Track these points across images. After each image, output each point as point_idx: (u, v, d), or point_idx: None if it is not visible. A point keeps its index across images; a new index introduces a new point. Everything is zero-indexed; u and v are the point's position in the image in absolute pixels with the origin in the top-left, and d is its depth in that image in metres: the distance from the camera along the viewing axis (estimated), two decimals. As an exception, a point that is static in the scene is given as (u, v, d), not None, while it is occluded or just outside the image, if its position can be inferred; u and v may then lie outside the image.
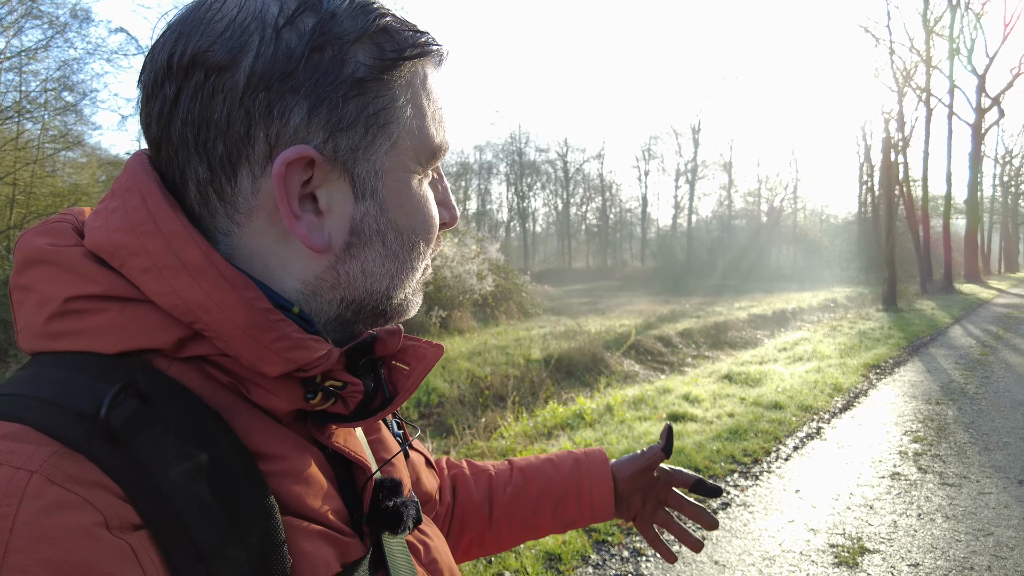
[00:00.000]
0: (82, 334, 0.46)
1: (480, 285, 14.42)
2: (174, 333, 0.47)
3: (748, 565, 3.42)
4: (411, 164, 0.54)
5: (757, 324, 14.48)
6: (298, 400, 0.52)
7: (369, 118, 0.50)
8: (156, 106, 0.49)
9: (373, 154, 0.51)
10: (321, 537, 0.50)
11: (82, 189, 13.71)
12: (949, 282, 26.44)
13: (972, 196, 33.51)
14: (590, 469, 0.93)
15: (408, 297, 0.58)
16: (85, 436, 0.41)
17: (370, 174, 0.51)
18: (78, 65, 14.40)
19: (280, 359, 0.48)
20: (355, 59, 0.49)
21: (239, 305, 0.47)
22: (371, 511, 0.56)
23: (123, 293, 0.47)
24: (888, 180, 19.44)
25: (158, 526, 0.41)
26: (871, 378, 8.35)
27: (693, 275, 40.52)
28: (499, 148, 55.36)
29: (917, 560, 3.45)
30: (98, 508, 0.39)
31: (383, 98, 0.50)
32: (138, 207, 0.48)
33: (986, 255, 47.63)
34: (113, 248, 0.47)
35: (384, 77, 0.50)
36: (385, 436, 0.69)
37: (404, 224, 0.54)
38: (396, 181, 0.53)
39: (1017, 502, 4.18)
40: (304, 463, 0.52)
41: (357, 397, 0.55)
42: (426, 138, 0.54)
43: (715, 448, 5.19)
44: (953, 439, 5.58)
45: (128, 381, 0.44)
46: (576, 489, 0.92)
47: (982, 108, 32.05)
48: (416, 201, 0.55)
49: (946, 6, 27.76)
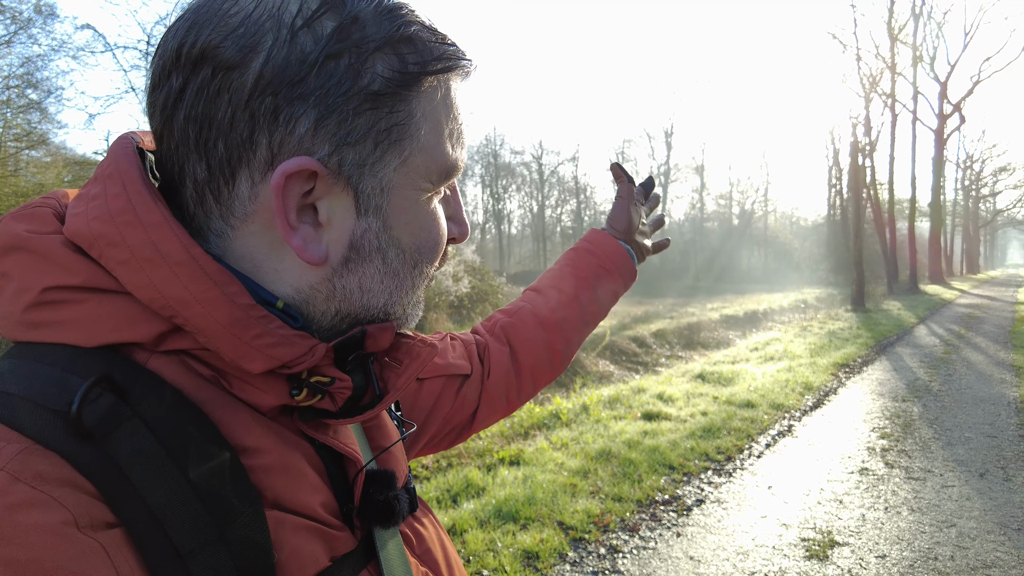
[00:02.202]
0: (60, 325, 0.44)
1: (456, 287, 14.40)
2: (154, 327, 0.45)
3: (722, 560, 3.48)
4: (421, 182, 0.51)
5: (729, 325, 14.69)
6: (283, 396, 0.50)
7: (380, 133, 0.48)
8: (161, 95, 0.47)
9: (381, 170, 0.49)
10: (309, 531, 0.49)
11: (47, 189, 13.36)
12: (914, 283, 27.12)
13: (936, 199, 34.41)
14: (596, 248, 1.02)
15: (407, 311, 0.57)
16: (57, 432, 0.40)
17: (375, 190, 0.49)
18: (42, 62, 14.04)
19: (262, 356, 0.47)
20: (373, 70, 0.46)
21: (220, 300, 0.45)
22: (362, 504, 0.55)
23: (102, 284, 0.45)
24: (856, 183, 19.89)
25: (134, 524, 0.40)
26: (840, 377, 8.53)
27: (666, 277, 40.93)
28: (474, 150, 55.32)
29: (884, 552, 3.55)
30: (66, 506, 0.37)
31: (398, 113, 0.48)
32: (118, 195, 0.46)
33: (949, 257, 48.91)
34: (92, 237, 0.45)
35: (402, 92, 0.48)
36: (385, 422, 0.67)
37: (408, 242, 0.52)
38: (403, 199, 0.51)
39: (978, 494, 4.32)
40: (290, 456, 0.50)
41: (345, 394, 0.53)
42: (441, 156, 0.52)
43: (689, 446, 5.27)
44: (918, 435, 5.74)
45: (102, 376, 0.42)
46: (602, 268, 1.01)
47: (944, 114, 32.97)
48: (423, 219, 0.53)
49: (909, 15, 28.57)
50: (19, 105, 14.16)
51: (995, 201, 62.96)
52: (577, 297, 0.98)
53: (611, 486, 4.41)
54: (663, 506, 4.20)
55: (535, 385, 0.97)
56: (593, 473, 4.65)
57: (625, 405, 6.69)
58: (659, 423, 6.01)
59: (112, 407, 0.41)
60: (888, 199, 28.03)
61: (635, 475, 4.62)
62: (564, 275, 1.00)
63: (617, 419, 6.12)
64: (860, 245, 18.80)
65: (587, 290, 0.98)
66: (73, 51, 16.20)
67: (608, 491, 4.33)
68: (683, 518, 4.03)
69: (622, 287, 1.03)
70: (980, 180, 58.25)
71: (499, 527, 3.74)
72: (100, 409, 0.41)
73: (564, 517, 3.89)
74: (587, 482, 4.48)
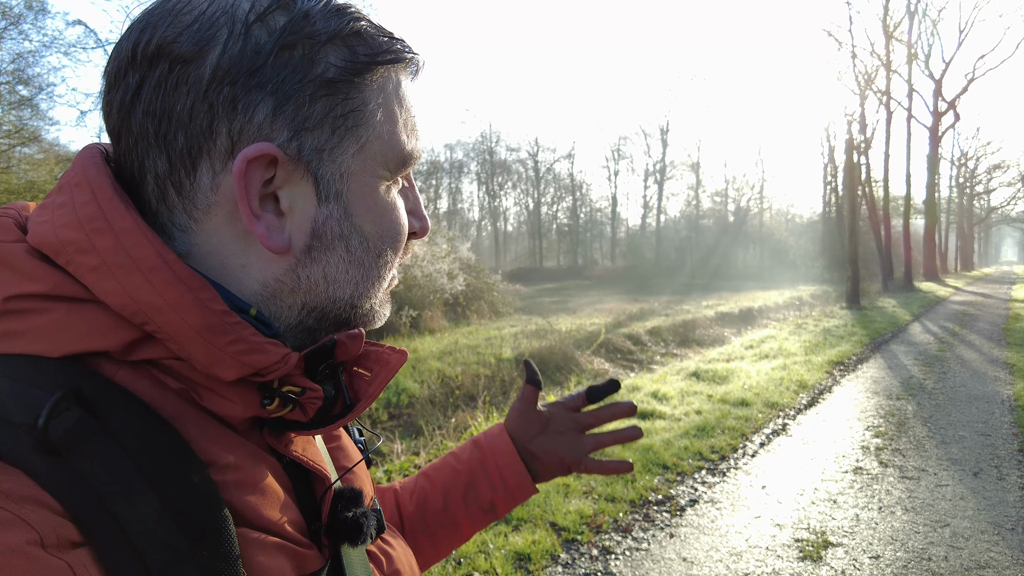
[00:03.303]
0: (24, 335, 0.43)
1: (451, 284, 14.38)
2: (124, 335, 0.45)
3: (715, 561, 3.46)
4: (379, 169, 0.52)
5: (724, 322, 14.69)
6: (254, 406, 0.50)
7: (337, 119, 0.49)
8: (118, 95, 0.47)
9: (339, 156, 0.49)
10: (277, 549, 0.48)
11: (39, 186, 13.29)
12: (909, 280, 27.21)
13: (930, 197, 34.49)
14: (489, 442, 0.86)
15: (374, 307, 0.56)
16: (21, 448, 0.39)
17: (335, 176, 0.50)
18: (34, 58, 13.94)
19: (236, 363, 0.46)
20: (326, 60, 0.48)
21: (193, 306, 0.45)
22: (330, 522, 0.55)
23: (69, 292, 0.44)
24: (851, 181, 19.89)
25: (101, 543, 0.39)
26: (835, 375, 8.53)
27: (662, 274, 40.96)
28: (470, 147, 55.30)
29: (878, 552, 3.53)
30: (32, 525, 0.36)
31: (353, 100, 0.49)
32: (88, 202, 0.45)
33: (943, 254, 49.13)
34: (60, 244, 0.44)
35: (355, 80, 0.49)
36: (346, 443, 0.67)
37: (370, 230, 0.52)
38: (363, 185, 0.51)
39: (972, 494, 4.31)
40: (259, 472, 0.50)
41: (316, 404, 0.53)
42: (396, 144, 0.53)
43: (683, 445, 5.25)
44: (912, 433, 5.74)
45: (70, 389, 0.41)
46: (482, 468, 0.85)
47: (939, 112, 33.04)
48: (383, 207, 0.53)
49: (904, 12, 28.58)
50: (10, 101, 14.07)
51: (989, 198, 63.29)
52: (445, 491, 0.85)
53: (604, 486, 4.39)
54: (656, 506, 4.18)
55: None
56: (586, 473, 4.63)
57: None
58: (653, 422, 5.99)
59: (80, 422, 0.40)
60: (883, 196, 28.06)
61: (628, 475, 4.59)
62: (443, 463, 0.88)
63: (611, 418, 6.10)
64: (855, 242, 18.81)
65: (457, 487, 0.84)
66: (64, 47, 16.11)
67: (601, 491, 4.31)
68: (676, 518, 4.00)
69: (502, 494, 0.84)
70: (974, 177, 58.49)
71: (491, 528, 3.71)
72: (67, 424, 0.40)
73: (556, 518, 3.87)
74: (580, 482, 4.45)
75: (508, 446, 0.85)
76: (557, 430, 0.86)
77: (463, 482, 0.84)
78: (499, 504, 0.85)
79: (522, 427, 0.86)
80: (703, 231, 50.04)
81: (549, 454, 0.85)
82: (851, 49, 23.87)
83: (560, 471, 0.86)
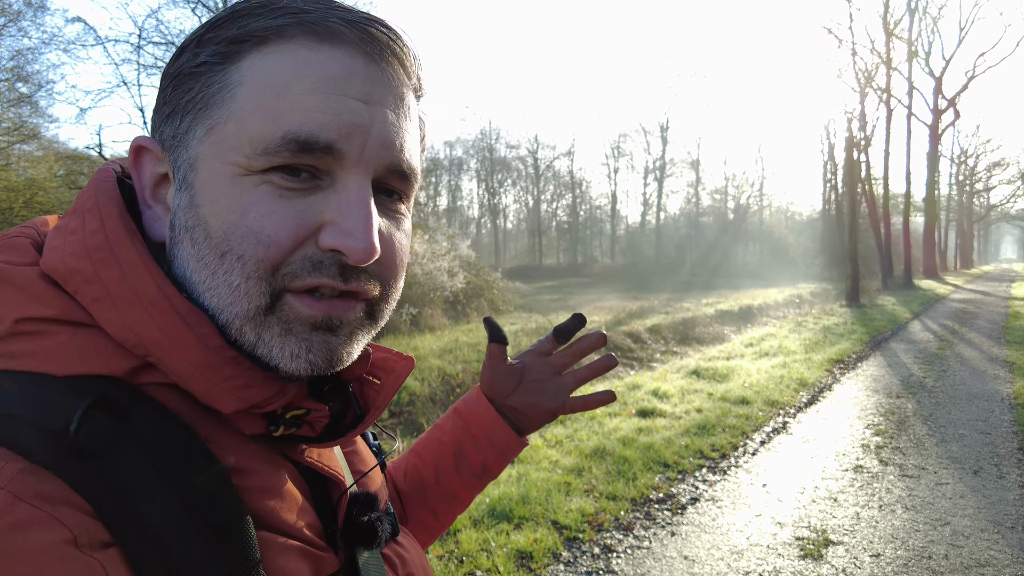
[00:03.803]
0: (32, 356, 0.45)
1: (451, 282, 14.37)
2: (126, 362, 0.46)
3: (717, 559, 3.47)
4: (231, 154, 0.46)
5: (724, 320, 14.69)
6: (260, 429, 0.51)
7: (189, 104, 0.48)
8: None
9: (190, 142, 0.48)
10: (295, 552, 0.49)
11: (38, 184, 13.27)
12: (909, 278, 27.22)
13: (930, 195, 34.49)
14: (468, 409, 0.84)
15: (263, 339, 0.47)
16: (53, 452, 0.40)
17: (185, 163, 0.48)
18: (33, 55, 13.93)
19: (232, 397, 0.47)
20: (204, 52, 0.48)
21: (192, 342, 0.45)
22: (345, 526, 0.56)
23: (75, 318, 0.45)
24: (851, 178, 19.89)
25: (129, 544, 0.40)
26: (835, 373, 8.55)
27: (662, 272, 40.96)
28: (469, 144, 55.22)
29: (878, 550, 3.54)
30: (67, 525, 0.38)
31: (212, 86, 0.47)
32: (96, 231, 0.47)
33: (943, 252, 49.13)
34: (68, 273, 0.46)
35: (217, 65, 0.47)
36: (361, 447, 0.68)
37: (215, 224, 0.46)
38: (210, 172, 0.47)
39: (972, 492, 4.32)
40: (278, 478, 0.51)
41: (323, 421, 0.54)
42: (254, 124, 0.46)
43: (684, 443, 5.26)
44: (912, 432, 5.75)
45: (99, 396, 0.42)
46: (467, 435, 0.83)
47: (939, 109, 33.04)
48: (233, 200, 0.46)
49: (905, 10, 28.55)
50: (10, 99, 14.04)
51: (989, 196, 63.25)
52: (436, 465, 0.84)
53: (605, 484, 4.40)
54: (657, 505, 4.19)
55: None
56: (587, 471, 4.64)
57: (620, 402, 6.67)
58: (654, 420, 6.00)
59: (108, 428, 0.42)
60: (883, 194, 28.05)
61: (629, 473, 4.61)
62: (429, 437, 0.87)
63: (612, 416, 6.11)
64: (855, 240, 18.81)
65: (447, 459, 0.84)
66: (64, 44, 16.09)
67: (602, 489, 4.32)
68: (677, 517, 4.01)
69: (492, 455, 0.83)
70: (974, 175, 58.47)
71: (493, 527, 3.72)
72: (97, 430, 0.41)
73: (558, 516, 3.88)
74: (581, 480, 4.46)
75: (487, 408, 0.83)
76: (533, 378, 0.84)
77: (451, 453, 0.83)
78: (491, 466, 0.84)
79: (497, 386, 0.83)
80: (703, 229, 50.02)
81: (530, 406, 0.83)
82: (851, 46, 23.85)
83: (546, 418, 0.84)
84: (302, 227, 0.46)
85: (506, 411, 0.84)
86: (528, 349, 0.86)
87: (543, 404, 0.83)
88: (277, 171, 0.46)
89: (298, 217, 0.46)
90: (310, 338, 0.48)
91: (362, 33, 0.48)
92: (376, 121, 0.48)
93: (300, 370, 0.48)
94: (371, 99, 0.48)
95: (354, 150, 0.47)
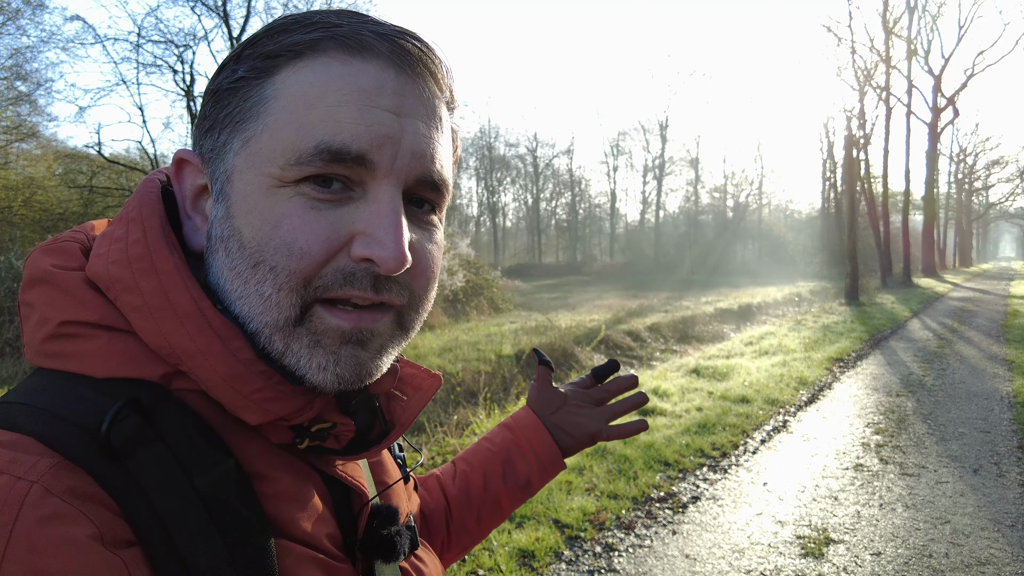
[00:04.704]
0: (73, 357, 0.46)
1: (450, 281, 14.37)
2: (160, 368, 0.47)
3: (718, 558, 3.48)
4: (266, 166, 0.47)
5: (724, 318, 14.70)
6: (287, 438, 0.52)
7: (227, 118, 0.50)
8: None
9: (227, 155, 0.50)
10: (313, 562, 0.50)
11: (37, 182, 13.27)
12: (908, 276, 27.23)
13: (929, 193, 34.50)
14: (518, 423, 0.91)
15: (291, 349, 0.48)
16: (86, 450, 0.42)
17: (223, 175, 0.50)
18: (32, 53, 13.91)
19: (260, 409, 0.48)
20: (236, 70, 0.50)
21: (222, 355, 0.47)
22: (365, 538, 0.56)
23: (115, 323, 0.47)
24: (850, 176, 19.89)
25: (151, 544, 0.41)
26: (835, 371, 8.55)
27: (661, 270, 40.97)
28: (468, 142, 55.15)
29: (879, 549, 3.55)
30: (94, 522, 0.39)
31: (249, 100, 0.49)
32: (138, 241, 0.49)
33: (942, 250, 49.16)
34: (109, 280, 0.48)
35: (254, 80, 0.49)
36: (386, 459, 0.68)
37: (249, 235, 0.47)
38: (246, 184, 0.48)
39: (972, 490, 4.33)
40: (300, 486, 0.52)
41: (348, 435, 0.55)
42: (288, 136, 0.47)
43: (684, 442, 5.27)
44: (912, 430, 5.76)
45: (132, 397, 0.44)
46: (515, 446, 0.90)
47: (938, 108, 33.04)
48: (267, 211, 0.47)
49: (904, 8, 28.54)
50: (8, 97, 14.03)
51: (988, 195, 63.31)
52: (484, 471, 0.89)
53: (607, 483, 4.40)
54: (659, 503, 4.19)
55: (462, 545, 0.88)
56: (588, 470, 4.64)
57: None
58: (654, 419, 6.00)
59: (138, 429, 0.43)
60: (882, 192, 28.06)
61: (630, 472, 4.61)
62: (478, 446, 0.93)
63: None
64: (854, 238, 18.82)
65: (495, 466, 0.89)
66: (63, 43, 16.06)
67: (604, 488, 4.33)
68: (679, 515, 4.02)
69: (537, 468, 0.89)
70: (973, 173, 58.49)
71: (494, 525, 3.72)
72: (127, 430, 0.43)
73: (560, 515, 3.88)
74: (583, 479, 4.47)
75: (536, 423, 0.90)
76: (575, 405, 0.92)
77: (500, 461, 0.89)
78: (534, 480, 0.89)
79: (543, 404, 0.92)
80: (702, 227, 50.00)
81: (573, 425, 0.91)
82: (850, 45, 23.85)
83: (586, 441, 0.91)
84: (333, 239, 0.47)
85: (551, 428, 0.91)
86: (571, 382, 0.96)
87: (585, 426, 0.91)
88: (309, 182, 0.47)
89: (330, 228, 0.47)
90: (338, 351, 0.49)
91: (393, 46, 0.49)
92: (407, 132, 0.49)
93: (327, 383, 0.49)
94: (402, 111, 0.49)
95: (385, 161, 0.48)
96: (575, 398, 0.92)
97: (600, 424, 0.91)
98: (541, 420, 0.91)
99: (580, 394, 0.93)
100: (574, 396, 0.93)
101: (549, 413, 0.91)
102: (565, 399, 0.92)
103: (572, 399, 0.92)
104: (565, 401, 0.92)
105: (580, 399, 0.93)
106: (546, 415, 0.91)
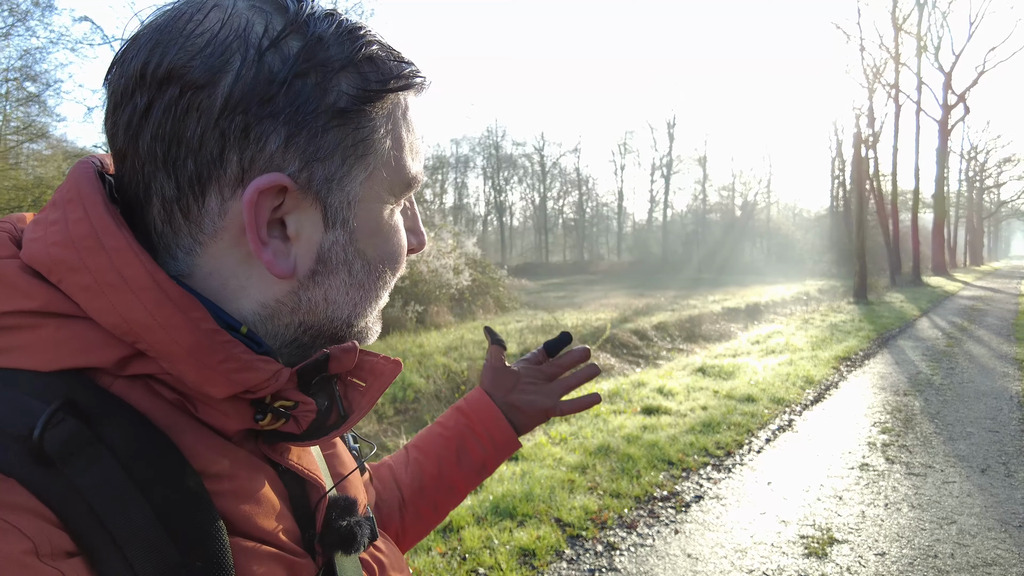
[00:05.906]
0: (16, 351, 0.44)
1: (457, 279, 14.37)
2: (116, 351, 0.45)
3: (720, 558, 3.46)
4: (384, 195, 0.53)
5: (731, 317, 14.65)
6: (247, 420, 0.50)
7: (347, 149, 0.49)
8: (124, 115, 0.47)
9: (348, 184, 0.50)
10: (271, 558, 0.49)
11: (47, 182, 13.35)
12: (917, 275, 27.03)
13: (939, 191, 34.24)
14: (471, 406, 0.91)
15: (368, 325, 0.58)
16: (16, 458, 0.39)
17: (343, 204, 0.50)
18: (41, 54, 13.97)
19: (226, 381, 0.47)
20: (338, 88, 0.48)
21: (184, 326, 0.45)
22: (324, 531, 0.55)
23: (61, 309, 0.44)
24: (859, 175, 19.76)
25: (95, 552, 0.39)
26: (842, 370, 8.50)
27: (668, 269, 40.87)
28: (475, 141, 55.16)
29: (884, 549, 3.52)
30: (27, 535, 0.37)
31: (363, 129, 0.50)
32: (80, 220, 0.45)
33: (952, 248, 48.81)
34: (51, 263, 0.45)
35: (366, 108, 0.49)
36: (341, 451, 0.68)
37: (372, 254, 0.54)
38: (368, 211, 0.52)
39: (979, 491, 4.29)
40: (255, 482, 0.51)
41: (309, 416, 0.53)
42: (402, 169, 0.54)
43: (688, 441, 5.25)
44: (919, 430, 5.71)
45: (66, 400, 0.41)
46: (469, 430, 0.90)
47: (948, 105, 32.76)
48: (386, 231, 0.55)
49: (913, 4, 28.27)
50: (18, 98, 14.13)
51: (999, 192, 62.74)
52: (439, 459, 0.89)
53: (609, 482, 4.39)
54: (661, 502, 4.18)
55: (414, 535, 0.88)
56: (591, 468, 4.63)
57: (625, 399, 6.66)
58: (658, 417, 5.98)
59: (75, 432, 0.41)
60: (891, 190, 27.88)
61: (634, 471, 4.60)
62: (430, 432, 0.92)
63: (617, 413, 6.10)
64: (863, 237, 18.70)
65: (450, 453, 0.89)
66: (71, 43, 16.18)
67: (606, 487, 4.32)
68: (681, 515, 4.00)
69: (492, 451, 0.90)
70: (984, 171, 58.01)
71: (496, 524, 3.72)
72: (63, 434, 0.40)
73: (561, 514, 3.87)
74: (585, 478, 4.46)
75: (490, 405, 0.91)
76: (528, 382, 0.93)
77: (454, 447, 0.89)
78: (489, 463, 0.90)
79: (497, 384, 0.92)
80: (709, 226, 49.84)
81: (527, 403, 0.91)
82: (859, 42, 23.71)
83: (540, 418, 0.92)
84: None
85: (505, 408, 0.91)
86: (521, 359, 0.95)
87: (539, 403, 0.91)
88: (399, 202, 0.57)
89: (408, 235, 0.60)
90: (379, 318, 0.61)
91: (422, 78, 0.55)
92: None
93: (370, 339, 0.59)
94: None
95: None
96: (528, 375, 0.93)
97: (553, 400, 0.92)
98: (495, 401, 0.91)
99: (532, 370, 0.94)
100: (527, 373, 0.93)
101: (503, 394, 0.92)
102: (518, 378, 0.92)
103: (524, 377, 0.93)
104: (518, 380, 0.92)
105: (532, 376, 0.93)
106: (500, 396, 0.92)
